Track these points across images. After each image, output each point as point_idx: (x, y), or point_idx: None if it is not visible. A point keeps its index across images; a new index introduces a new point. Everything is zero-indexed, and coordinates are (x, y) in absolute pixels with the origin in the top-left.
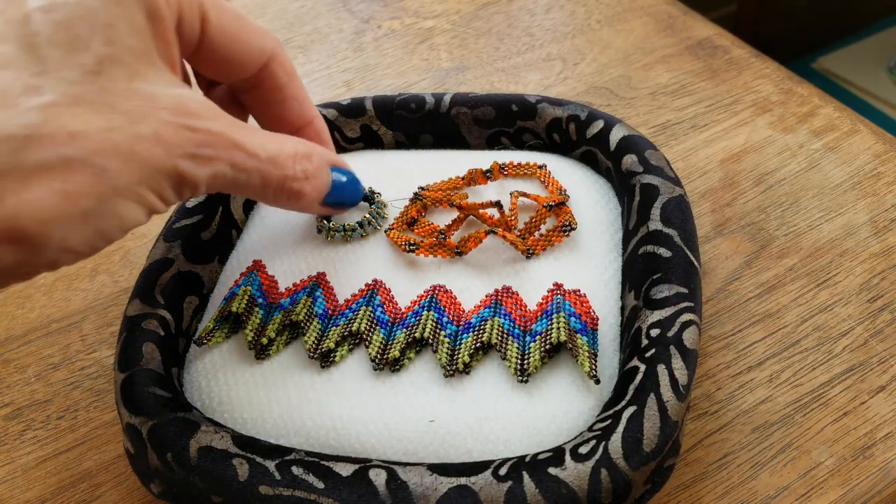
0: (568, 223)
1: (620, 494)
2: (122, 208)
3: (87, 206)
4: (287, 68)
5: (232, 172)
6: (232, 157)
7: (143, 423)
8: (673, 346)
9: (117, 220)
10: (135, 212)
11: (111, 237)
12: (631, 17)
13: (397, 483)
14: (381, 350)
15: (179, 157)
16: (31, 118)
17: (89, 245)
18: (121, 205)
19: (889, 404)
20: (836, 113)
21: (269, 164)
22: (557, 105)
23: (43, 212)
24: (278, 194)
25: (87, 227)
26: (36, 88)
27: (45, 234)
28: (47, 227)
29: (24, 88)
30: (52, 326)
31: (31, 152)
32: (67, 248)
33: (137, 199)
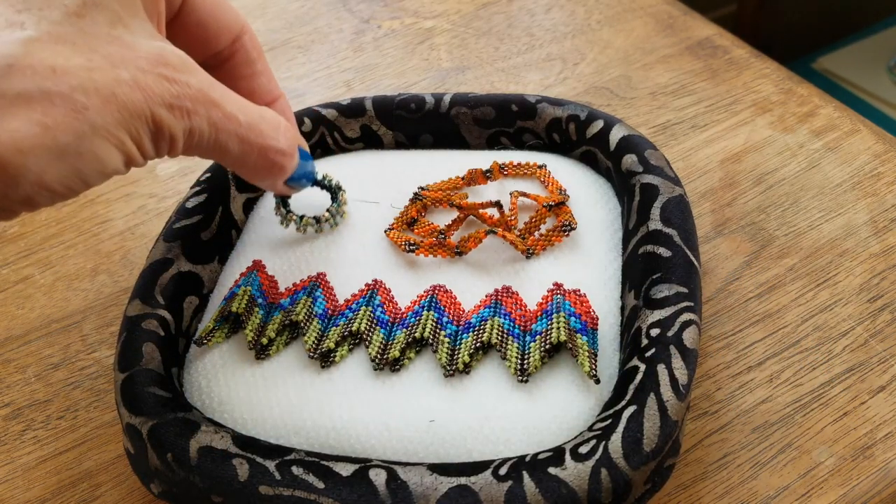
0: (568, 223)
1: (620, 494)
2: (101, 149)
3: (66, 141)
4: (255, 43)
5: (210, 131)
6: (210, 113)
7: (143, 423)
8: (673, 346)
9: (95, 161)
10: (113, 156)
11: (88, 179)
12: (631, 17)
13: (397, 483)
14: (381, 350)
15: (157, 104)
16: (14, 49)
17: (65, 185)
18: (99, 145)
19: (889, 404)
20: (836, 113)
21: (248, 129)
22: (557, 105)
23: (21, 142)
24: (258, 165)
25: (65, 164)
26: (19, 24)
27: (22, 165)
28: (25, 158)
29: (7, 23)
30: (52, 326)
31: (12, 81)
32: (43, 183)
33: (116, 143)
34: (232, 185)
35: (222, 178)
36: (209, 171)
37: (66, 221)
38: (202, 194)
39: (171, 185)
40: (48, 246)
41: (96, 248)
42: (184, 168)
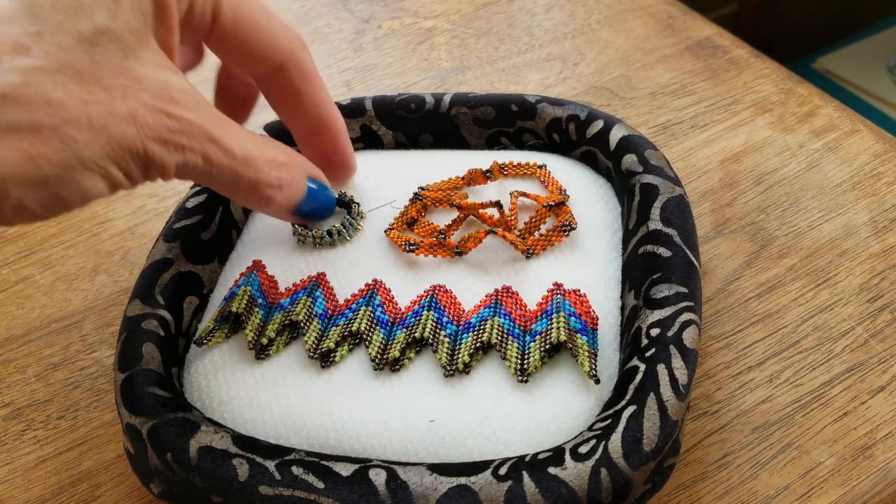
0: (568, 223)
1: (620, 494)
2: (85, 179)
3: (50, 171)
4: (304, 72)
5: (203, 164)
6: (205, 149)
7: (143, 423)
8: (673, 346)
9: (78, 189)
10: (97, 184)
11: (69, 205)
12: (631, 17)
13: (397, 483)
14: (381, 350)
15: (150, 139)
16: (13, 78)
17: (45, 208)
18: (84, 176)
19: (889, 404)
20: (836, 113)
21: (242, 164)
22: (557, 105)
23: (4, 170)
24: (248, 195)
25: (46, 190)
26: (25, 49)
27: (2, 192)
28: (6, 186)
29: (14, 46)
30: (52, 326)
31: (5, 111)
32: (22, 207)
33: (102, 173)
34: None
35: None
36: None
37: (66, 221)
38: (202, 194)
39: (171, 185)
40: (48, 246)
41: (96, 248)
42: None
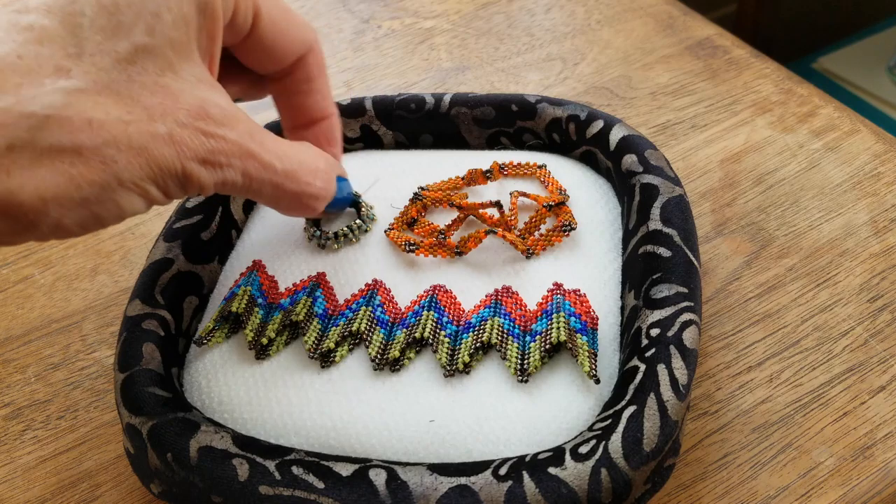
0: (568, 223)
1: (620, 494)
2: (123, 199)
3: (90, 193)
4: (320, 61)
5: (242, 181)
6: (245, 166)
7: (143, 423)
8: (673, 346)
9: (116, 208)
10: (136, 203)
11: (106, 223)
12: (631, 17)
13: (397, 483)
14: (381, 350)
15: (189, 159)
16: (55, 100)
17: (83, 227)
18: (122, 195)
19: (889, 404)
20: (836, 113)
21: (284, 177)
22: (557, 105)
23: (45, 191)
24: (291, 207)
25: (85, 211)
26: (66, 71)
27: (42, 212)
28: (46, 206)
29: (55, 69)
30: (52, 326)
31: (47, 133)
32: (60, 226)
33: (140, 193)
34: None
35: None
36: None
37: None
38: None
39: None
40: (48, 246)
41: (96, 248)
42: None
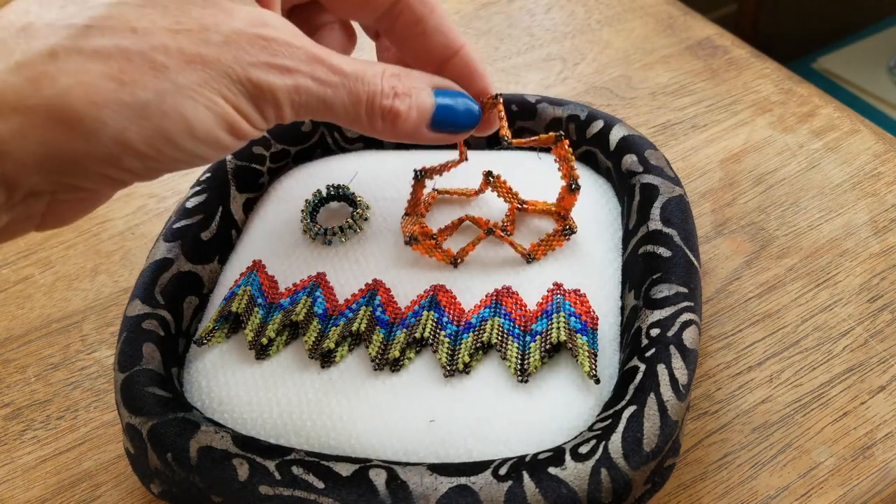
0: (569, 227)
1: (620, 494)
2: (188, 110)
3: (145, 98)
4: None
5: (316, 86)
6: (313, 70)
7: (143, 423)
8: (673, 346)
9: (182, 122)
10: (204, 118)
11: (177, 141)
12: (631, 17)
13: (397, 483)
14: (381, 350)
15: (252, 64)
16: (96, 12)
17: (151, 145)
18: (186, 105)
19: (889, 404)
20: (836, 113)
21: (354, 79)
22: (557, 105)
23: (96, 94)
24: (372, 115)
25: (148, 122)
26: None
27: (98, 119)
28: (100, 112)
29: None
30: (52, 326)
31: (90, 38)
32: (125, 141)
33: (207, 104)
34: (232, 185)
35: (222, 178)
36: (209, 172)
37: None
38: (202, 194)
39: (171, 185)
40: (48, 246)
41: (96, 248)
42: None
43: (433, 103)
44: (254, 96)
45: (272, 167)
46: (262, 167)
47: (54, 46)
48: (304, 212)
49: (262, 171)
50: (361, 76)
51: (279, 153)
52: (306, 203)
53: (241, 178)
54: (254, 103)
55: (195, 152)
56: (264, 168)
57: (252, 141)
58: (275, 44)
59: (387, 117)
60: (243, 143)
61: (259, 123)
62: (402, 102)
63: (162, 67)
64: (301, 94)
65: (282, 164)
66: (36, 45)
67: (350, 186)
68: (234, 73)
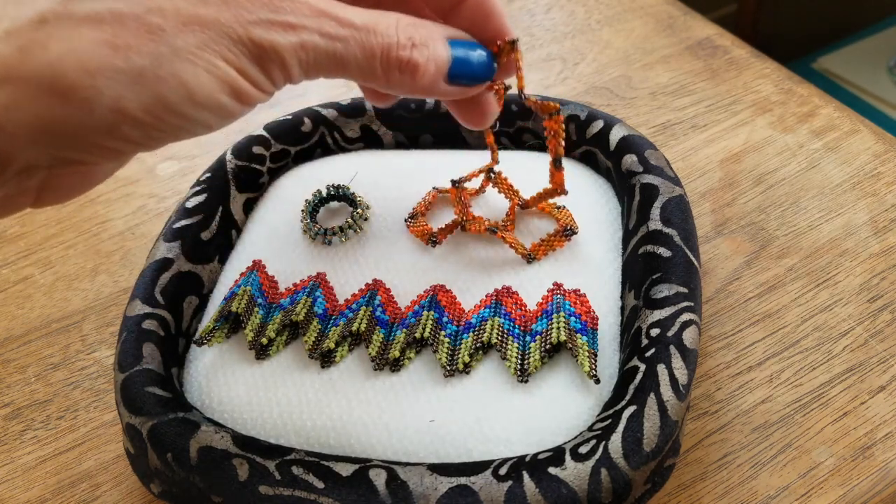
0: (569, 228)
1: (620, 494)
2: (187, 74)
3: (141, 63)
4: None
5: (324, 42)
6: (320, 25)
7: (143, 423)
8: (673, 346)
9: (181, 87)
10: (205, 81)
11: (177, 108)
12: (631, 17)
13: (397, 483)
14: (381, 350)
15: (252, 23)
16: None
17: (150, 112)
18: (184, 69)
19: (889, 404)
20: (836, 113)
21: (366, 32)
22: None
23: (89, 62)
24: (388, 68)
25: (145, 88)
26: None
27: (92, 87)
28: (94, 79)
29: None
30: (52, 326)
31: (82, 2)
32: (122, 109)
33: (207, 67)
34: (232, 185)
35: (222, 177)
36: (209, 172)
37: (66, 221)
38: (202, 194)
39: (171, 185)
40: (48, 246)
41: (96, 248)
42: (184, 168)
43: (450, 55)
44: (258, 57)
45: (272, 167)
46: (262, 167)
47: (44, 12)
48: (304, 212)
49: (262, 171)
50: (374, 28)
51: (279, 153)
52: (306, 203)
53: (241, 178)
54: (258, 64)
55: (197, 119)
56: (264, 168)
57: (252, 141)
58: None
59: (405, 69)
60: (250, 108)
61: (266, 86)
62: (420, 54)
63: (158, 30)
64: (308, 51)
65: (282, 164)
66: (25, 12)
67: (350, 186)
68: (234, 34)
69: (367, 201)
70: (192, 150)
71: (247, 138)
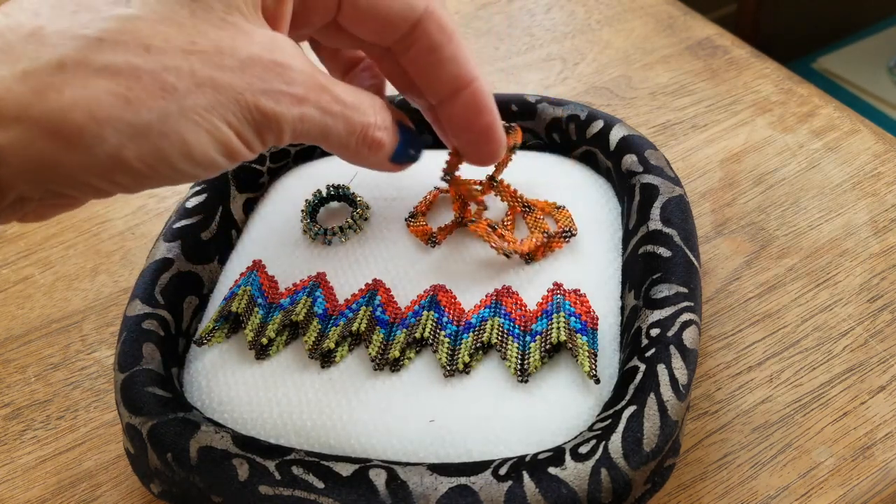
0: (568, 229)
1: (620, 494)
2: (189, 133)
3: (148, 118)
4: (444, 27)
5: (319, 116)
6: (320, 99)
7: (143, 423)
8: (673, 346)
9: (182, 145)
10: (204, 142)
11: (175, 164)
12: (631, 17)
13: (397, 483)
14: (381, 350)
15: (264, 92)
16: (109, 24)
17: (146, 163)
18: (188, 129)
19: (889, 404)
20: (836, 113)
21: (353, 110)
22: (557, 105)
23: (98, 110)
24: (360, 143)
25: (147, 142)
26: (124, 2)
27: (97, 135)
28: (101, 128)
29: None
30: (52, 326)
31: (101, 52)
32: (122, 157)
33: (209, 129)
34: (232, 185)
35: (222, 177)
36: None
37: (66, 221)
38: (202, 194)
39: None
40: (48, 246)
41: (96, 248)
42: None
43: (398, 138)
44: (259, 123)
45: (272, 167)
46: (262, 167)
47: (63, 58)
48: (304, 212)
49: (262, 171)
50: (359, 106)
51: (279, 153)
52: (306, 203)
53: (241, 178)
54: (256, 129)
55: (188, 172)
56: (264, 168)
57: None
58: (289, 71)
59: (372, 147)
60: (236, 164)
61: (256, 147)
62: (385, 135)
63: (171, 89)
64: (305, 122)
65: (282, 164)
66: (44, 54)
67: (350, 186)
68: (243, 100)
69: (366, 201)
70: None
71: None
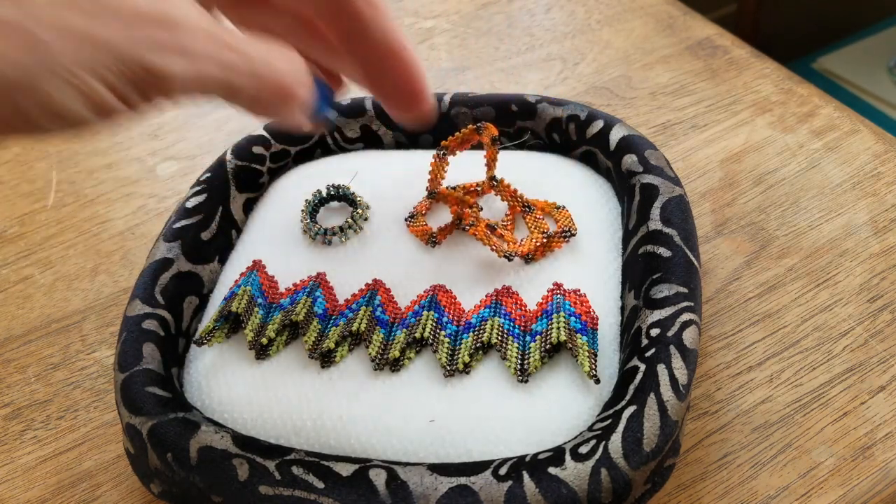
0: (568, 229)
1: (620, 494)
2: (55, 89)
3: (12, 75)
4: None
5: (221, 72)
6: (220, 55)
7: (143, 423)
8: (673, 346)
9: (45, 100)
10: (70, 96)
11: (33, 119)
12: (631, 17)
13: (397, 483)
14: (381, 350)
15: (147, 47)
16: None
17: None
18: (53, 85)
19: (889, 404)
20: (836, 113)
21: (260, 63)
22: (557, 105)
23: None
24: (272, 97)
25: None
26: None
27: None
28: None
29: None
30: (52, 326)
31: None
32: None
33: (78, 85)
34: (232, 185)
35: (222, 178)
36: (209, 172)
37: (66, 221)
38: (202, 194)
39: (171, 185)
40: (48, 246)
41: (96, 248)
42: (184, 168)
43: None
44: (142, 79)
45: (272, 167)
46: (262, 167)
47: None
48: (304, 212)
49: (262, 171)
50: (267, 61)
51: (279, 153)
52: (306, 203)
53: (241, 178)
54: (138, 86)
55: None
56: (264, 168)
57: (252, 141)
58: (181, 25)
59: (287, 102)
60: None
61: (138, 105)
62: (303, 88)
63: (37, 43)
64: (203, 80)
65: (282, 164)
66: None
67: (350, 186)
68: (124, 56)
69: (366, 201)
70: (192, 150)
71: (247, 138)
